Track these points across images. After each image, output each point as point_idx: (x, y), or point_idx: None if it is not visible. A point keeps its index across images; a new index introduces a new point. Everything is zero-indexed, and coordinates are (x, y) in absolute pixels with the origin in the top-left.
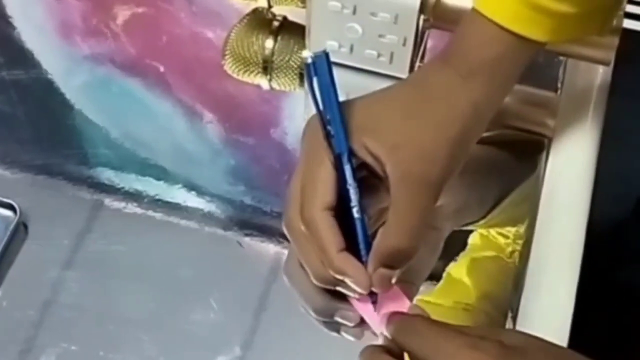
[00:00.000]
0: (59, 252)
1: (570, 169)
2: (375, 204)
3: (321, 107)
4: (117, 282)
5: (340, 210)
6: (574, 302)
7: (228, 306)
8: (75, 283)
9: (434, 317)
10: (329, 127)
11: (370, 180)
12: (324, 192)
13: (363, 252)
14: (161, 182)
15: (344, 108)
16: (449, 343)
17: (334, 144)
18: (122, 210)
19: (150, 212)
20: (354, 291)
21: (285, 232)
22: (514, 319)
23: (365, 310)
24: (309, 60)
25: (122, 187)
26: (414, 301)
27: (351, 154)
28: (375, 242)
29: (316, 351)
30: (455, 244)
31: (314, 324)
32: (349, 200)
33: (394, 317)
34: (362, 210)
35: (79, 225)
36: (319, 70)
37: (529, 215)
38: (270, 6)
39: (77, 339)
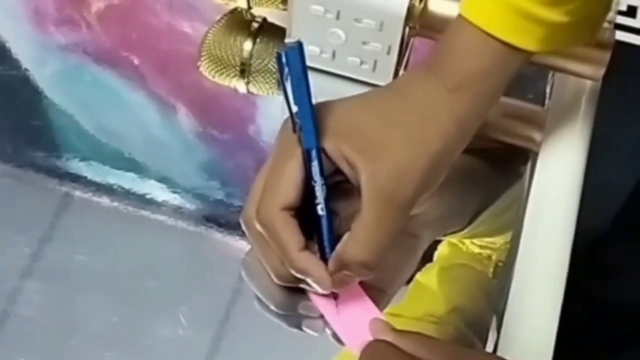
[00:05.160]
0: (18, 260)
1: (557, 186)
2: (347, 207)
3: (292, 100)
4: (80, 294)
5: (310, 207)
6: (557, 324)
7: (196, 319)
8: (34, 294)
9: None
10: (299, 122)
11: (344, 184)
12: (286, 190)
13: (327, 249)
14: (133, 175)
15: (322, 109)
16: None
17: (302, 139)
18: (91, 202)
19: (120, 205)
20: (316, 289)
21: (244, 230)
22: (498, 332)
23: (324, 306)
24: (282, 51)
25: (93, 180)
26: (383, 313)
27: (326, 156)
28: (338, 248)
29: None
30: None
31: (285, 340)
32: (314, 197)
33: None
34: (328, 207)
35: (43, 226)
36: (291, 61)
37: (512, 232)
38: (249, 7)
39: (35, 354)
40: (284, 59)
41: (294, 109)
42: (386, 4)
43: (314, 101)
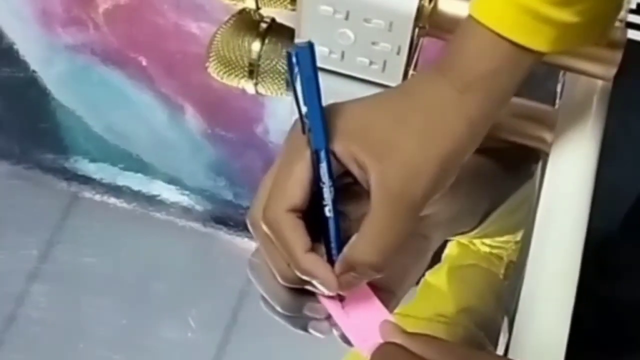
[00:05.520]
0: (26, 262)
1: (568, 186)
2: (357, 209)
3: (302, 100)
4: (87, 296)
5: (318, 209)
6: (569, 325)
7: (204, 322)
8: (42, 296)
9: (411, 330)
10: (308, 122)
11: (354, 186)
12: (293, 192)
13: (334, 251)
14: (141, 176)
15: (331, 111)
16: None
17: (311, 140)
18: (100, 204)
19: (128, 206)
20: (322, 290)
21: (251, 230)
22: (509, 333)
23: (333, 307)
24: (292, 51)
25: (101, 181)
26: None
27: (335, 158)
28: (345, 249)
29: None
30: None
31: (293, 342)
32: (322, 198)
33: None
34: (335, 209)
35: (51, 227)
36: (302, 61)
37: (523, 232)
38: (258, 7)
39: (42, 356)
40: (294, 59)
41: (304, 109)
42: (396, 4)
43: (323, 102)
